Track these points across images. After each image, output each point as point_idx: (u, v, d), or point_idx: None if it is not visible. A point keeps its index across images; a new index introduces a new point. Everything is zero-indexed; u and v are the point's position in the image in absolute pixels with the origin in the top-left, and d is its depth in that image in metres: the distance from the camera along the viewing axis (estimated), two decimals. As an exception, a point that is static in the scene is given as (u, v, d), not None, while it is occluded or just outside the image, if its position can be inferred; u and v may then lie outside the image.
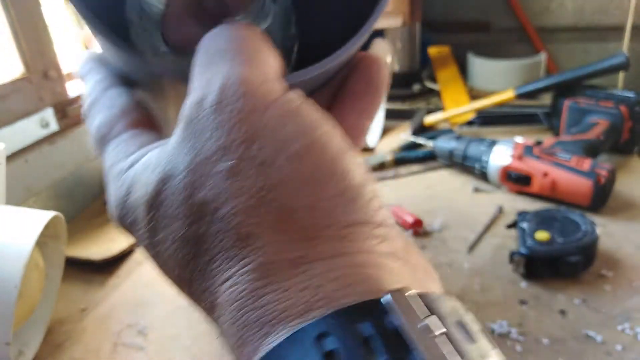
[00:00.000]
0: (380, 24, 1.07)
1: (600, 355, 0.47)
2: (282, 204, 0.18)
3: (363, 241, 0.19)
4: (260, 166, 0.18)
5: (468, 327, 0.18)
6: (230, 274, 0.19)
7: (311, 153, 0.19)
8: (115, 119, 0.23)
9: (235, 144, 0.18)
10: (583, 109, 0.86)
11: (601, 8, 1.88)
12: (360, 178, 0.20)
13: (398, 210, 0.72)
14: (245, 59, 0.20)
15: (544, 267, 0.57)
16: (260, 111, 0.19)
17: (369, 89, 0.25)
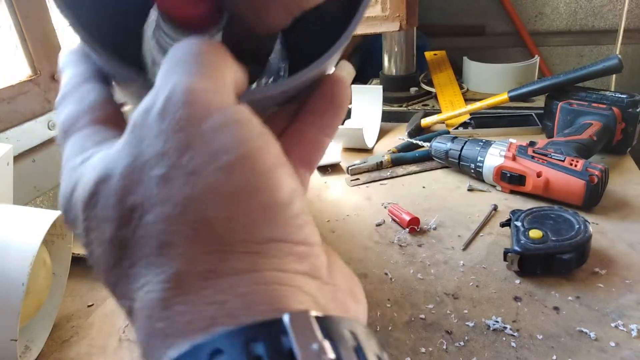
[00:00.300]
0: (378, 29, 1.08)
1: (594, 352, 0.48)
2: (203, 215, 0.18)
3: (278, 258, 0.19)
4: (189, 175, 0.18)
5: (364, 352, 0.18)
6: (146, 281, 0.19)
7: (240, 165, 0.19)
8: (80, 113, 0.23)
9: (170, 151, 0.19)
10: (576, 110, 0.88)
11: (594, 12, 1.90)
12: (287, 194, 0.20)
13: (395, 208, 0.74)
14: (196, 71, 0.20)
15: (538, 264, 0.58)
16: (199, 120, 0.19)
17: (330, 107, 0.26)
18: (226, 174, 0.19)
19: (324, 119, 0.26)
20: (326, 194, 0.84)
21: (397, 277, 0.62)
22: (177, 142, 0.19)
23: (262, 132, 0.20)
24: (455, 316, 0.54)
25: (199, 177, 0.18)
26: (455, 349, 0.50)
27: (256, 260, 0.19)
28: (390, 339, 0.52)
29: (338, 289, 0.22)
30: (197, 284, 0.18)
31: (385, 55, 1.26)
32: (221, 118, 0.19)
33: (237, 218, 0.19)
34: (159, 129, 0.19)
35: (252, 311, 0.18)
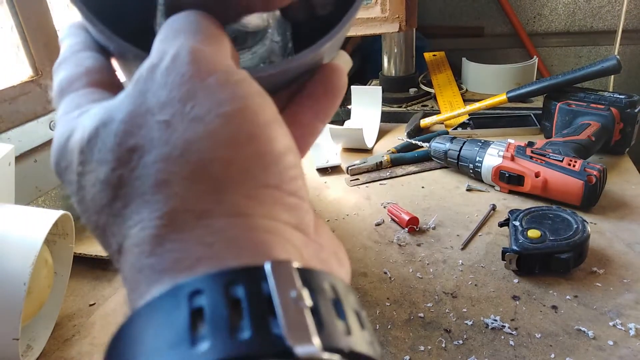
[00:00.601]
0: (378, 30, 1.09)
1: (592, 350, 0.49)
2: (201, 156, 0.19)
3: (270, 205, 0.20)
4: (191, 121, 0.19)
5: (342, 305, 0.18)
6: (140, 219, 0.19)
7: (241, 115, 0.20)
8: (77, 76, 0.24)
9: (174, 101, 0.20)
10: (574, 111, 0.88)
11: (593, 13, 1.91)
12: (283, 146, 0.21)
13: (395, 208, 0.74)
14: (199, 37, 0.21)
15: (536, 264, 0.59)
16: (204, 76, 0.20)
17: (327, 93, 0.27)
18: (226, 121, 0.19)
19: (320, 105, 0.27)
20: (326, 194, 0.85)
21: (396, 276, 0.62)
22: (181, 93, 0.20)
23: (261, 92, 0.21)
24: (454, 315, 0.55)
25: (201, 122, 0.19)
26: (454, 348, 0.51)
27: (249, 205, 0.19)
28: (389, 337, 0.53)
29: (323, 248, 0.23)
30: (191, 223, 0.19)
31: (385, 56, 1.26)
32: (224, 75, 0.20)
33: (234, 161, 0.19)
34: (164, 82, 0.20)
35: (238, 255, 0.18)
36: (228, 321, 0.16)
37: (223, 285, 0.17)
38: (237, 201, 0.19)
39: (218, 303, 0.16)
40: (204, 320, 0.16)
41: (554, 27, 1.96)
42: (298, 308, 0.17)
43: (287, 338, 0.16)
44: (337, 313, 0.18)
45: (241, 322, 0.16)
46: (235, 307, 0.16)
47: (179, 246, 0.18)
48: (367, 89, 1.12)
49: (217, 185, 0.19)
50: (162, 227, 0.19)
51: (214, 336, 0.16)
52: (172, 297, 0.17)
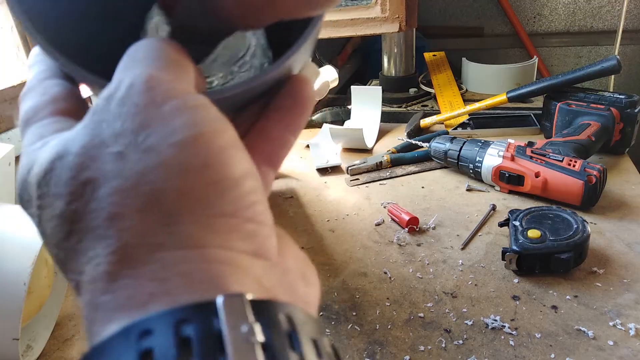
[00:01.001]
0: (378, 30, 1.09)
1: (592, 350, 0.49)
2: (154, 187, 0.19)
3: (225, 234, 0.20)
4: (144, 152, 0.19)
5: (298, 336, 0.18)
6: (95, 254, 0.19)
7: (195, 143, 0.19)
8: (42, 105, 0.24)
9: (127, 132, 0.19)
10: (574, 111, 0.88)
11: (593, 13, 1.91)
12: (240, 172, 0.20)
13: (395, 208, 0.74)
14: (158, 64, 0.21)
15: (536, 263, 0.59)
16: (158, 104, 0.20)
17: (295, 105, 0.27)
18: (179, 150, 0.19)
19: (289, 117, 0.27)
20: (326, 194, 0.85)
21: (396, 276, 0.62)
22: (135, 123, 0.19)
23: (219, 118, 0.21)
24: (454, 315, 0.55)
25: (153, 152, 0.19)
26: (454, 347, 0.51)
27: (204, 235, 0.19)
28: (389, 337, 0.53)
29: (288, 271, 0.22)
30: (144, 258, 0.18)
31: (385, 56, 1.26)
32: (179, 103, 0.20)
33: (187, 191, 0.19)
34: (118, 112, 0.20)
35: (191, 290, 0.18)
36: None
37: (173, 324, 0.17)
38: (191, 232, 0.19)
39: (167, 344, 0.16)
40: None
41: (554, 27, 1.97)
42: (248, 344, 0.16)
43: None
44: (292, 345, 0.18)
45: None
46: (185, 347, 0.16)
47: (132, 282, 0.18)
48: (367, 89, 1.12)
49: (170, 217, 0.19)
50: (116, 263, 0.18)
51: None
52: (122, 339, 0.16)
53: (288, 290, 0.22)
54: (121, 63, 0.22)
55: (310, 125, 1.16)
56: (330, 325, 0.55)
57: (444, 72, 1.31)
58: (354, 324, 0.55)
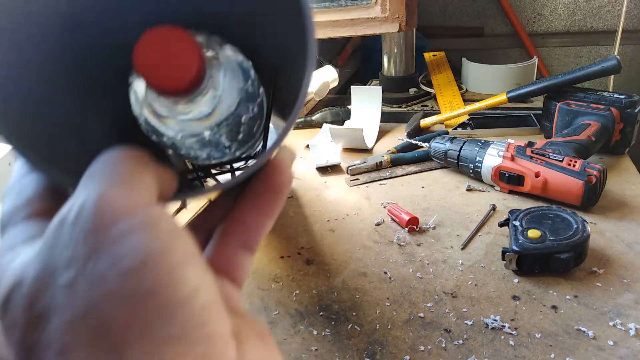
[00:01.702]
0: (378, 30, 1.09)
1: (592, 350, 0.49)
2: (102, 319, 0.19)
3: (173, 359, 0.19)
4: (92, 282, 0.19)
5: None
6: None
7: (141, 269, 0.19)
8: (18, 207, 0.24)
9: (77, 259, 0.19)
10: (574, 111, 0.88)
11: (593, 13, 1.91)
12: (189, 289, 0.20)
13: (395, 208, 0.74)
14: (110, 179, 0.21)
15: (536, 263, 0.59)
16: (107, 228, 0.19)
17: (269, 190, 0.27)
18: (126, 278, 0.19)
19: (263, 202, 0.27)
20: (326, 194, 0.85)
21: (396, 276, 0.62)
22: (84, 249, 0.19)
23: (170, 231, 0.21)
24: (454, 315, 0.55)
25: (101, 282, 0.19)
26: (453, 347, 0.51)
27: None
28: (389, 337, 0.53)
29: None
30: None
31: (385, 56, 1.26)
32: (129, 224, 0.20)
33: (134, 321, 0.19)
34: (69, 237, 0.19)
35: None
36: None
37: None
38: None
39: None
40: None
41: (554, 27, 1.97)
42: None
43: None
44: None
45: None
46: None
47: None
48: (367, 89, 1.12)
49: (117, 348, 0.19)
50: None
51: None
52: None
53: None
54: (82, 179, 0.21)
55: (310, 125, 1.16)
56: (330, 325, 0.55)
57: (444, 72, 1.31)
58: (354, 324, 0.55)
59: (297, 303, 0.59)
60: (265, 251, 0.70)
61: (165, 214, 0.21)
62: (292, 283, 0.62)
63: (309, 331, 0.54)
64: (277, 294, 0.61)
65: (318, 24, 1.13)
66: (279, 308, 0.58)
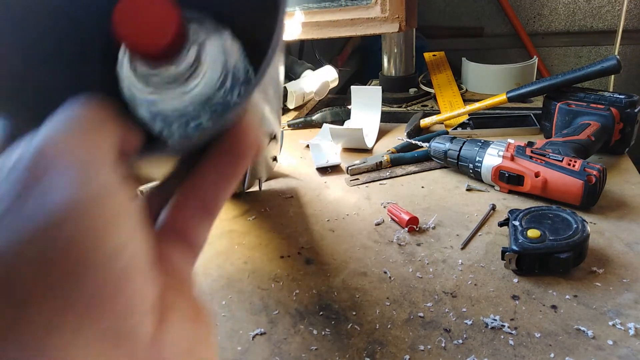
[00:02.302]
0: (378, 30, 1.09)
1: (592, 350, 0.49)
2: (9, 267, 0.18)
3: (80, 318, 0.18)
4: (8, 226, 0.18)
5: None
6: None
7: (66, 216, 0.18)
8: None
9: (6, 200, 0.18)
10: (574, 111, 0.88)
11: (593, 13, 1.91)
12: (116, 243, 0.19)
13: (394, 208, 0.74)
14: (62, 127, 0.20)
15: (536, 263, 0.59)
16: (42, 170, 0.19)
17: (232, 152, 0.26)
18: (47, 224, 0.18)
19: (224, 165, 0.26)
20: (326, 194, 0.85)
21: (396, 275, 0.62)
22: (14, 192, 0.18)
23: (106, 183, 0.20)
24: (454, 314, 0.55)
25: (20, 227, 0.18)
26: (453, 347, 0.51)
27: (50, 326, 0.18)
28: (389, 337, 0.53)
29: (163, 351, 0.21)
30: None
31: (385, 56, 1.26)
32: (63, 171, 0.19)
33: (44, 274, 0.18)
34: (5, 179, 0.19)
35: None
36: None
37: None
38: (39, 320, 0.18)
39: None
40: None
41: (554, 27, 1.97)
42: None
43: None
44: None
45: None
46: None
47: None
48: (367, 89, 1.12)
49: (19, 301, 0.18)
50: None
51: None
52: None
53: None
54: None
55: (310, 125, 1.16)
56: (330, 325, 0.55)
57: (443, 72, 1.31)
58: (353, 323, 0.55)
59: (297, 303, 0.59)
60: (265, 251, 0.70)
61: (108, 168, 0.20)
62: (292, 283, 0.63)
63: (309, 331, 0.54)
64: (277, 294, 0.61)
65: (318, 24, 1.13)
66: (279, 308, 0.58)
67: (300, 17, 1.14)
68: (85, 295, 0.18)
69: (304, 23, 1.14)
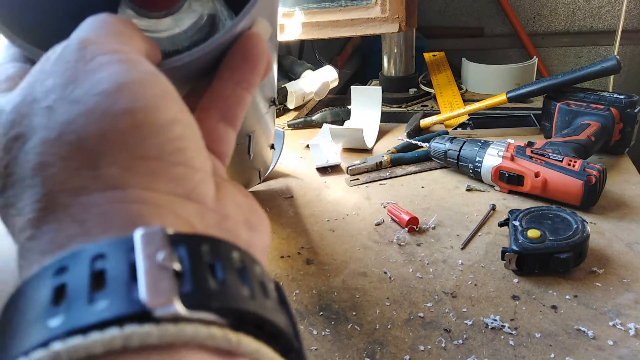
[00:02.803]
0: (378, 30, 1.09)
1: (592, 350, 0.49)
2: (78, 134, 0.19)
3: (148, 177, 0.20)
4: (70, 104, 0.20)
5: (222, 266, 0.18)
6: (23, 204, 0.20)
7: (118, 91, 0.20)
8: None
9: (57, 87, 0.20)
10: (574, 111, 0.88)
11: (592, 13, 1.91)
12: (166, 118, 0.21)
13: (394, 208, 0.74)
14: (96, 30, 0.22)
15: (536, 263, 0.59)
16: (87, 60, 0.20)
17: (244, 61, 0.27)
18: (103, 98, 0.20)
19: (240, 74, 0.27)
20: (326, 194, 0.85)
21: (396, 276, 0.62)
22: (64, 78, 0.20)
23: (149, 71, 0.21)
24: (454, 314, 0.55)
25: (78, 103, 0.20)
26: (453, 347, 0.51)
27: (125, 177, 0.20)
28: (389, 337, 0.53)
29: (227, 217, 0.23)
30: (66, 202, 0.19)
31: (385, 57, 1.26)
32: (107, 59, 0.21)
33: (109, 135, 0.20)
34: (51, 71, 0.21)
35: (108, 229, 0.19)
36: (87, 293, 0.16)
37: (88, 260, 0.17)
38: (113, 174, 0.20)
39: (80, 277, 0.17)
40: (65, 296, 0.16)
41: (553, 27, 1.97)
42: (162, 271, 0.17)
43: (147, 301, 0.16)
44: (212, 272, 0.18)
45: (101, 292, 0.16)
46: (98, 279, 0.17)
47: (54, 227, 0.19)
48: (367, 89, 1.12)
49: (92, 161, 0.20)
50: (40, 210, 0.19)
51: (69, 309, 0.16)
52: (38, 278, 0.17)
53: (227, 233, 0.22)
54: None
55: (310, 125, 1.16)
56: (330, 325, 0.55)
57: (443, 72, 1.31)
58: (353, 323, 0.55)
59: (297, 303, 0.59)
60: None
61: (146, 61, 0.22)
62: (292, 283, 0.63)
63: (309, 331, 0.54)
64: (277, 294, 0.61)
65: (318, 24, 1.13)
66: (279, 308, 0.58)
67: (300, 17, 1.14)
68: (152, 151, 0.20)
69: (304, 23, 1.14)
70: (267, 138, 0.63)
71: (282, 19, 1.16)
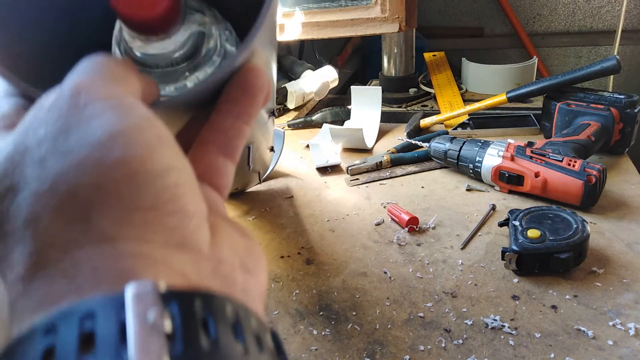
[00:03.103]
0: (378, 30, 1.09)
1: (592, 350, 0.49)
2: (69, 186, 0.19)
3: (142, 227, 0.20)
4: (62, 154, 0.19)
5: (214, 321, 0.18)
6: (15, 257, 0.19)
7: (111, 141, 0.19)
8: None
9: (50, 136, 0.20)
10: (574, 111, 0.88)
11: (592, 13, 1.91)
12: (161, 166, 0.20)
13: (394, 208, 0.74)
14: (91, 74, 0.21)
15: (536, 263, 0.59)
16: (81, 107, 0.20)
17: (244, 95, 0.27)
18: (95, 148, 0.19)
19: (239, 107, 0.27)
20: (326, 194, 0.85)
21: (396, 276, 0.62)
22: (56, 128, 0.20)
23: (144, 116, 0.21)
24: (454, 314, 0.55)
25: (71, 154, 0.19)
26: (453, 347, 0.51)
27: (117, 229, 0.19)
28: (389, 337, 0.53)
29: (222, 261, 0.22)
30: (57, 257, 0.19)
31: (385, 57, 1.26)
32: (101, 106, 0.20)
33: (103, 185, 0.19)
34: (44, 119, 0.20)
35: (99, 285, 0.18)
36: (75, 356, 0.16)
37: (77, 319, 0.16)
38: (105, 227, 0.19)
39: (69, 339, 0.16)
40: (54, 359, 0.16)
41: (553, 27, 1.97)
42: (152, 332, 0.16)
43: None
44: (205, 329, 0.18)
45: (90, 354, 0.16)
46: (87, 341, 0.16)
47: (45, 282, 0.18)
48: (367, 89, 1.12)
49: (84, 213, 0.19)
50: (32, 265, 0.19)
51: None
52: (28, 339, 0.16)
53: (222, 281, 0.22)
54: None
55: (310, 125, 1.16)
56: (330, 325, 0.55)
57: (443, 72, 1.31)
58: (353, 323, 0.55)
59: (297, 303, 0.59)
60: (265, 251, 0.70)
61: (142, 104, 0.22)
62: (292, 283, 0.63)
63: (309, 331, 0.54)
64: (277, 294, 0.61)
65: (318, 24, 1.13)
66: (279, 308, 0.58)
67: (300, 17, 1.14)
68: (146, 201, 0.20)
69: (304, 23, 1.14)
70: (267, 142, 0.63)
71: (282, 19, 1.16)
